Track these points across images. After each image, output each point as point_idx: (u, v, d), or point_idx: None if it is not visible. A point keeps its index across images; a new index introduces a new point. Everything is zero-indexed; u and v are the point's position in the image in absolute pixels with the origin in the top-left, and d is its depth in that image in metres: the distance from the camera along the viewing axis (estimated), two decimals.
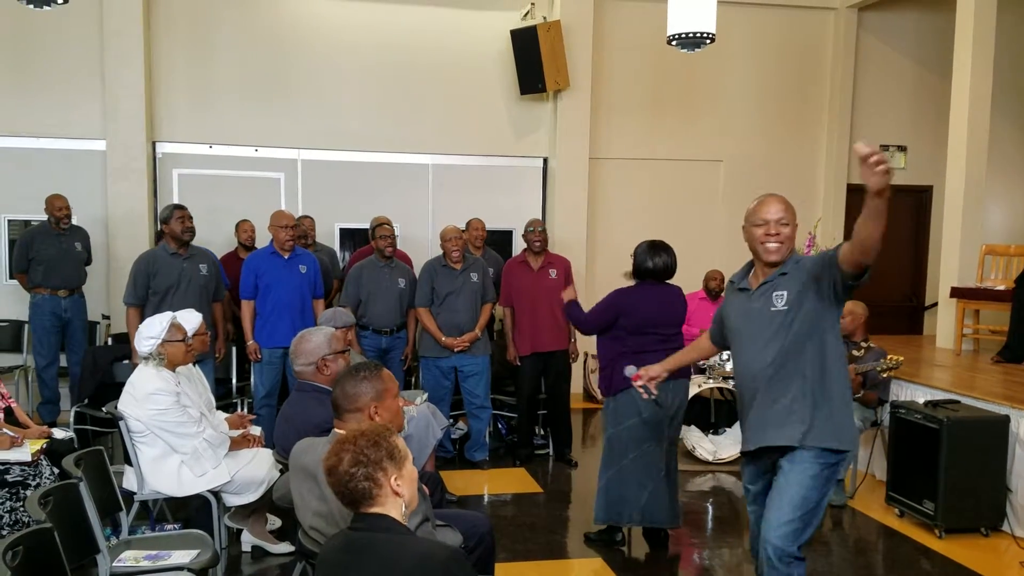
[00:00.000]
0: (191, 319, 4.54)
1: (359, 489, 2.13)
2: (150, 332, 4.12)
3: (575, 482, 5.98)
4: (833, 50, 9.09)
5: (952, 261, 7.35)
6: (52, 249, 6.60)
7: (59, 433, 4.57)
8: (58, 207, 6.62)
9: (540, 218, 8.03)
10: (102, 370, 5.97)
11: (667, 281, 4.65)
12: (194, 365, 4.62)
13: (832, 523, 5.22)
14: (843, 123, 9.11)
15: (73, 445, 4.54)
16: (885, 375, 5.46)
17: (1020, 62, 9.30)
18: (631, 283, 4.67)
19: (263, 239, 6.56)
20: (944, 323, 7.47)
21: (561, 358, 6.26)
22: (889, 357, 5.42)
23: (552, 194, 8.54)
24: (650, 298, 4.55)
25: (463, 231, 6.48)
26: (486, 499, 5.58)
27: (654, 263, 4.57)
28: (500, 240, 8.32)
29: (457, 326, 6.02)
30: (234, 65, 7.92)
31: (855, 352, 5.67)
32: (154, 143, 7.77)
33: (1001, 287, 6.95)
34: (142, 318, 5.53)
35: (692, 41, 5.39)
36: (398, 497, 2.17)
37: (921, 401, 5.34)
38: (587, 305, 7.15)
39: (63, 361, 6.87)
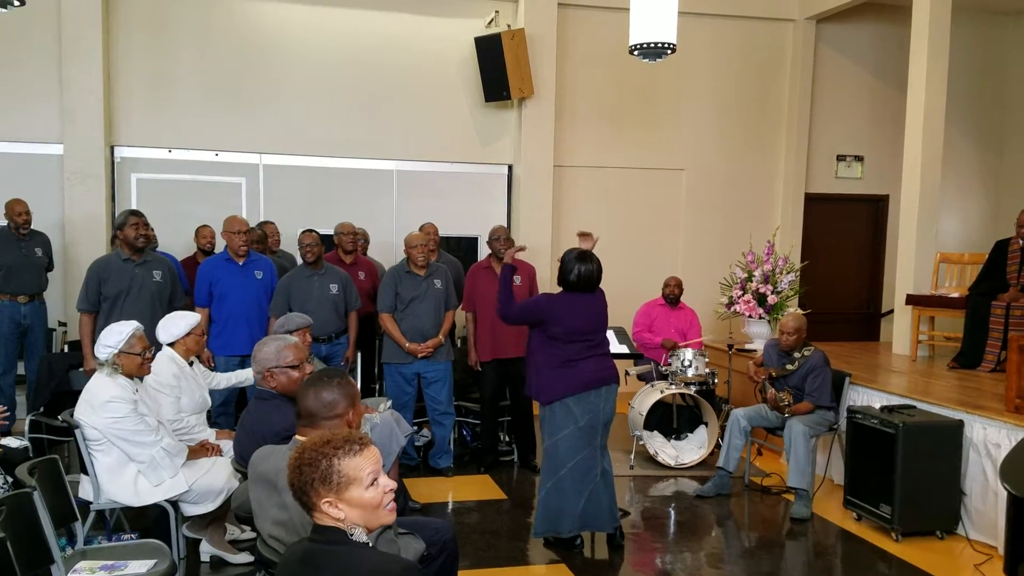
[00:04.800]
0: (192, 316, 4.76)
1: (299, 500, 2.13)
2: (108, 340, 4.06)
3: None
4: (792, 61, 9.25)
5: (908, 269, 7.49)
6: (12, 254, 6.46)
7: (13, 442, 4.48)
8: (18, 212, 6.48)
9: (505, 225, 8.05)
10: (58, 378, 5.86)
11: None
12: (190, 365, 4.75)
13: (791, 527, 5.29)
14: (801, 133, 9.25)
15: (28, 454, 4.45)
16: (787, 414, 5.60)
17: (974, 74, 9.53)
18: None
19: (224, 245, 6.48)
20: (900, 330, 7.61)
21: (522, 365, 6.25)
22: (782, 394, 5.58)
23: (517, 201, 8.56)
24: (578, 307, 4.58)
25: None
26: (450, 506, 5.57)
27: (577, 273, 4.58)
28: (465, 247, 8.32)
29: (420, 332, 6.00)
30: (194, 69, 7.84)
31: (789, 366, 5.74)
32: (112, 147, 7.66)
33: (955, 294, 7.09)
34: (94, 324, 5.48)
35: (654, 51, 5.44)
36: (331, 519, 2.09)
37: (877, 406, 5.43)
38: None
39: (21, 369, 6.71)
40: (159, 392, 4.47)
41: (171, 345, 4.66)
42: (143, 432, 3.98)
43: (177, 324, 4.66)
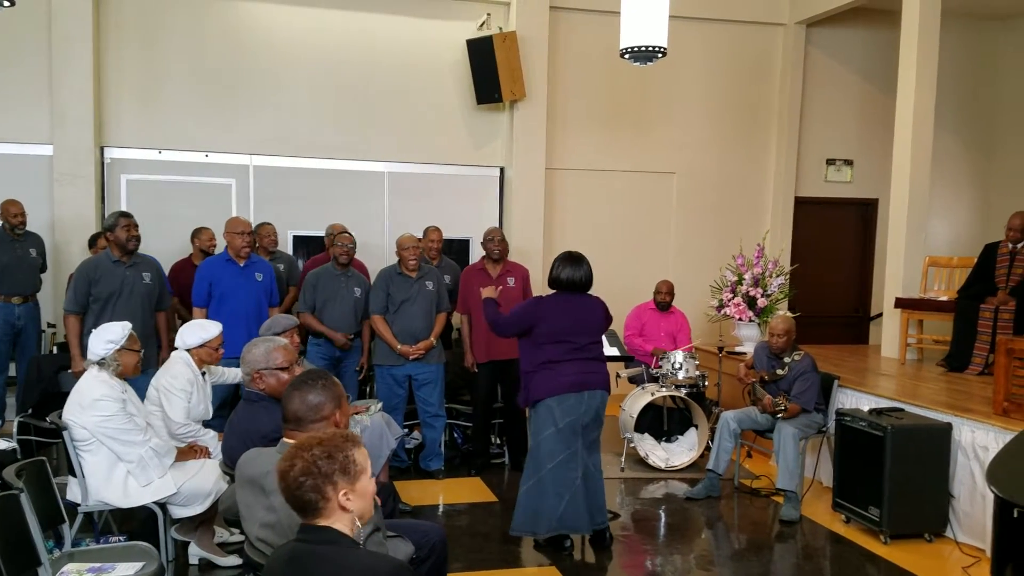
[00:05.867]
0: (213, 329, 4.67)
1: (306, 499, 2.11)
2: (110, 336, 4.06)
3: None
4: (782, 65, 9.28)
5: (897, 272, 7.52)
6: (6, 255, 6.43)
7: (1, 444, 4.46)
8: (13, 213, 6.46)
9: (498, 226, 8.05)
10: (46, 379, 5.83)
11: (587, 292, 4.72)
12: (203, 375, 4.68)
13: (780, 529, 5.30)
14: (792, 136, 9.29)
15: (16, 456, 4.44)
16: (780, 415, 5.61)
17: (963, 79, 9.58)
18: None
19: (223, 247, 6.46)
20: (889, 333, 7.64)
21: (517, 366, 6.25)
22: (778, 399, 5.58)
23: (509, 203, 8.57)
24: (564, 308, 4.61)
25: (420, 239, 6.47)
26: (441, 509, 5.56)
27: (565, 275, 4.63)
28: (457, 249, 8.32)
29: (412, 334, 6.01)
30: (185, 70, 7.81)
31: (779, 371, 5.75)
32: (102, 148, 7.63)
33: (944, 298, 7.13)
34: (82, 326, 5.45)
35: (644, 55, 5.44)
36: (346, 512, 2.13)
37: (866, 409, 5.45)
38: None
39: (13, 370, 6.67)
40: (171, 393, 4.44)
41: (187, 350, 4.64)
42: (131, 431, 3.98)
43: (194, 334, 4.62)
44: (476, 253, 8.21)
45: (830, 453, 5.74)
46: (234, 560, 4.35)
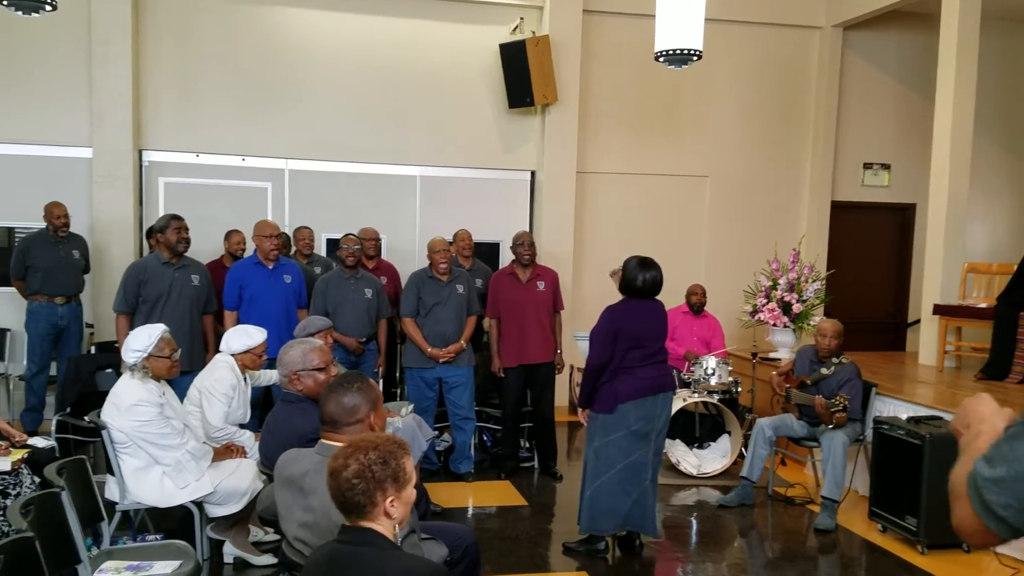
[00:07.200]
0: (258, 336, 4.70)
1: (354, 501, 2.14)
2: (137, 344, 4.08)
3: (560, 495, 5.98)
4: (818, 68, 9.19)
5: (935, 278, 7.41)
6: (50, 257, 6.56)
7: (40, 442, 4.53)
8: (57, 215, 6.59)
9: (528, 230, 8.05)
10: (84, 379, 5.92)
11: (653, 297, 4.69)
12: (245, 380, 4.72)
13: (815, 538, 5.23)
14: (828, 140, 9.19)
15: (55, 454, 4.50)
16: (833, 420, 5.46)
17: (1002, 83, 9.42)
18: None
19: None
20: (927, 340, 7.52)
21: (547, 370, 6.27)
22: (836, 399, 5.44)
23: (539, 207, 8.57)
24: (638, 314, 4.59)
25: (451, 243, 6.48)
26: (470, 512, 5.56)
27: (644, 280, 4.59)
28: (487, 252, 8.33)
29: (442, 337, 6.02)
30: (222, 75, 7.91)
31: (824, 371, 5.67)
32: (140, 151, 7.74)
33: (983, 305, 7.01)
34: (131, 326, 5.53)
35: (679, 58, 5.42)
36: (389, 518, 2.17)
37: (904, 417, 5.37)
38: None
39: (53, 369, 6.79)
40: (213, 396, 4.49)
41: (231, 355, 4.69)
42: (169, 435, 4.02)
43: (239, 340, 4.68)
44: (506, 257, 8.21)
45: (867, 462, 5.66)
46: (268, 559, 4.39)
